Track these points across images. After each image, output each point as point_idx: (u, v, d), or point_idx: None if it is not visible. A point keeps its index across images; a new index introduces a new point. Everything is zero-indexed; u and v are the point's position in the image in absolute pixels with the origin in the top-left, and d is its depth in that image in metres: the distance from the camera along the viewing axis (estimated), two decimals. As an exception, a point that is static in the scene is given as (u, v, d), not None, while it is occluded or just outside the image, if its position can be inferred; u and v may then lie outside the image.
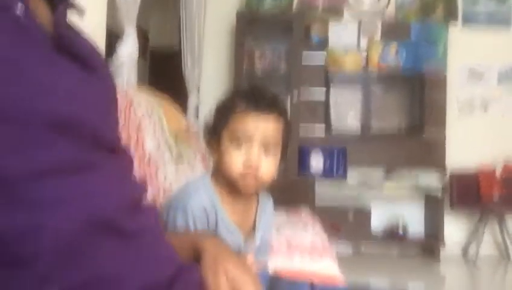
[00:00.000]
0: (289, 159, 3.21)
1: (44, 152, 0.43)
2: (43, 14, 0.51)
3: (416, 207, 3.53)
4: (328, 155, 3.29)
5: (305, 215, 2.15)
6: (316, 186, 2.44)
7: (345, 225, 3.10)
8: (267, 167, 0.80)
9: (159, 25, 4.09)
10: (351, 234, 3.20)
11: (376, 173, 3.36)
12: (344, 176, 3.31)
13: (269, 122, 0.80)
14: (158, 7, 3.83)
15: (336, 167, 3.29)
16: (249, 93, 0.84)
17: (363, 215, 3.21)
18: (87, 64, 0.53)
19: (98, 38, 2.01)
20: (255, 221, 0.89)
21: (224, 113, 0.82)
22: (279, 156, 0.83)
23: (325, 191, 3.00)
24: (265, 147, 0.80)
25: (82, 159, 0.47)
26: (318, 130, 3.49)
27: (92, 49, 0.59)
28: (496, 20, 3.63)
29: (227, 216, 0.83)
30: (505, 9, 3.64)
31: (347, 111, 3.56)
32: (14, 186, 0.42)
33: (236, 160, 0.79)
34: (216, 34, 3.62)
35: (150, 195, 1.15)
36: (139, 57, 2.30)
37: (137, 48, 2.27)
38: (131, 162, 0.61)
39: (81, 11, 0.59)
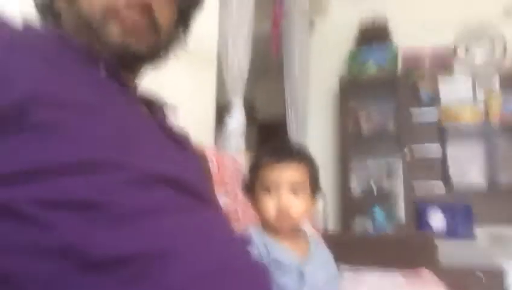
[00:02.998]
0: (406, 217, 3.03)
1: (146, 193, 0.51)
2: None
3: None
4: (450, 213, 3.02)
5: (426, 276, 1.95)
6: (438, 245, 2.23)
7: (475, 288, 2.71)
8: (298, 205, 0.93)
9: (265, 95, 4.36)
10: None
11: (510, 231, 2.95)
12: (471, 234, 2.98)
13: (292, 169, 0.93)
14: (263, 79, 4.10)
15: (461, 225, 2.99)
16: (272, 148, 0.99)
17: (497, 276, 2.78)
18: (183, 146, 0.72)
19: (208, 111, 2.21)
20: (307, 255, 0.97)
21: (253, 169, 0.98)
22: (308, 194, 0.96)
23: (449, 251, 2.70)
24: (293, 190, 0.92)
25: (182, 202, 0.56)
26: (436, 188, 3.26)
27: (184, 134, 0.78)
28: None
29: (277, 243, 0.93)
30: None
31: (468, 166, 3.27)
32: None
33: (268, 206, 0.93)
34: (319, 99, 3.71)
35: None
36: (246, 126, 2.44)
37: (245, 119, 2.42)
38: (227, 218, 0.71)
39: (174, 109, 0.80)
